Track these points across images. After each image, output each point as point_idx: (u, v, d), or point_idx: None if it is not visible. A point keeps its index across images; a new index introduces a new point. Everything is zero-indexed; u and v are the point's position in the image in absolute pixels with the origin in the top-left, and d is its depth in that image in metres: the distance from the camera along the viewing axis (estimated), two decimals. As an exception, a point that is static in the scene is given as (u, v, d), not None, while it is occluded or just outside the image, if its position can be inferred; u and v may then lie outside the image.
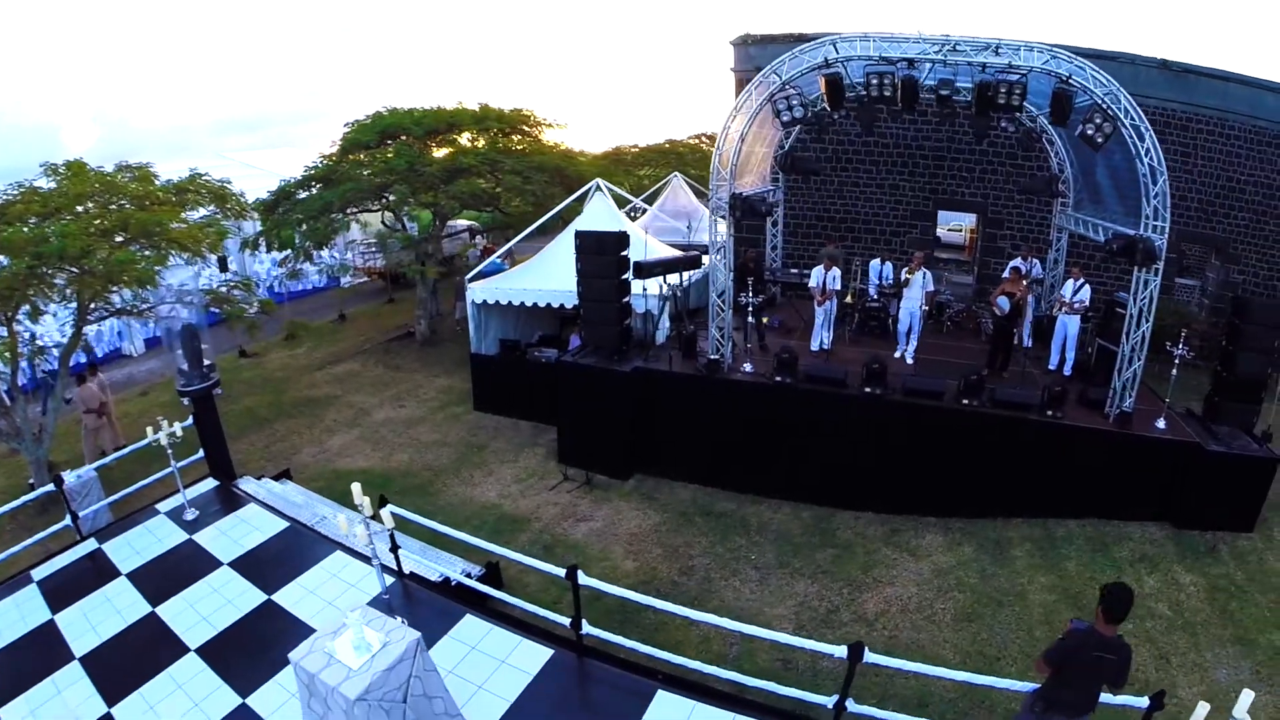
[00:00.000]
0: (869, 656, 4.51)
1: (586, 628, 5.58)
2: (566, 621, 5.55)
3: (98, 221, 8.18)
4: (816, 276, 10.07)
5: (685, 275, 10.52)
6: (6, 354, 8.57)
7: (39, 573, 6.73)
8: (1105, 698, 4.27)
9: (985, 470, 8.87)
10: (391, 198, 12.77)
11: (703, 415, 9.72)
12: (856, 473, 9.19)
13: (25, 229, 7.71)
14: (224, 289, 10.28)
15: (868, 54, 8.04)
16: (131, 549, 7.07)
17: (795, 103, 8.26)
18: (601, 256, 9.52)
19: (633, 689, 5.22)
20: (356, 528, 5.95)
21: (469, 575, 7.29)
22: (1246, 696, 3.74)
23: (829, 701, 4.80)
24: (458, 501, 9.58)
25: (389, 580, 6.50)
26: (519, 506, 9.46)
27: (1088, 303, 9.86)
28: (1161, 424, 8.60)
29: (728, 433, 9.64)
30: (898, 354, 10.38)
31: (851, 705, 4.74)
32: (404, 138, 13.04)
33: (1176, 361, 8.71)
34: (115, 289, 8.76)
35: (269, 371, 14.43)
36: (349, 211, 13.06)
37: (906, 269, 10.27)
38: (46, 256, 7.48)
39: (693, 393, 9.73)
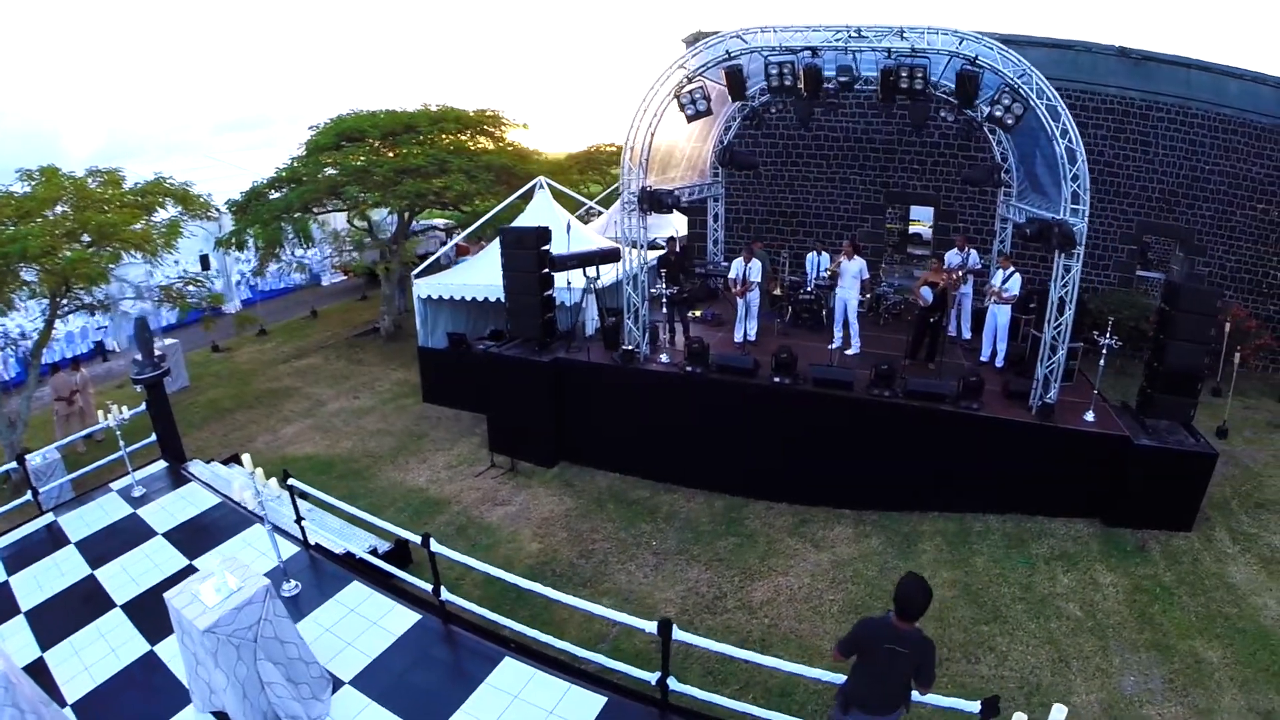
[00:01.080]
0: (677, 634, 4.83)
1: (446, 594, 6.09)
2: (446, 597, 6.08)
3: (67, 223, 9.04)
4: (736, 268, 10.36)
5: (622, 268, 10.94)
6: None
7: (2, 541, 7.57)
8: (933, 699, 4.20)
9: (901, 463, 8.92)
10: (343, 198, 13.56)
11: (619, 405, 10.06)
12: (768, 463, 9.38)
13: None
14: (177, 284, 11.11)
15: (769, 45, 8.30)
16: (83, 521, 7.80)
17: (698, 96, 8.61)
18: (522, 251, 9.97)
19: (484, 654, 5.71)
20: (245, 494, 6.62)
21: (374, 551, 7.90)
22: (1059, 711, 3.59)
23: (653, 678, 5.11)
24: (388, 485, 10.16)
25: (295, 550, 7.16)
26: (444, 491, 9.98)
27: (1017, 293, 9.81)
28: (1090, 417, 8.49)
29: (643, 422, 9.96)
30: (833, 346, 10.33)
31: (674, 683, 5.03)
32: (362, 140, 13.83)
33: (1104, 352, 8.69)
34: (74, 286, 9.62)
35: (237, 365, 15.30)
36: (312, 211, 13.87)
37: (832, 259, 10.52)
38: (10, 256, 8.35)
39: (609, 383, 10.08)
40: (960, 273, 10.58)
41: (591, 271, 10.25)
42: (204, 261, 16.74)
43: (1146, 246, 13.27)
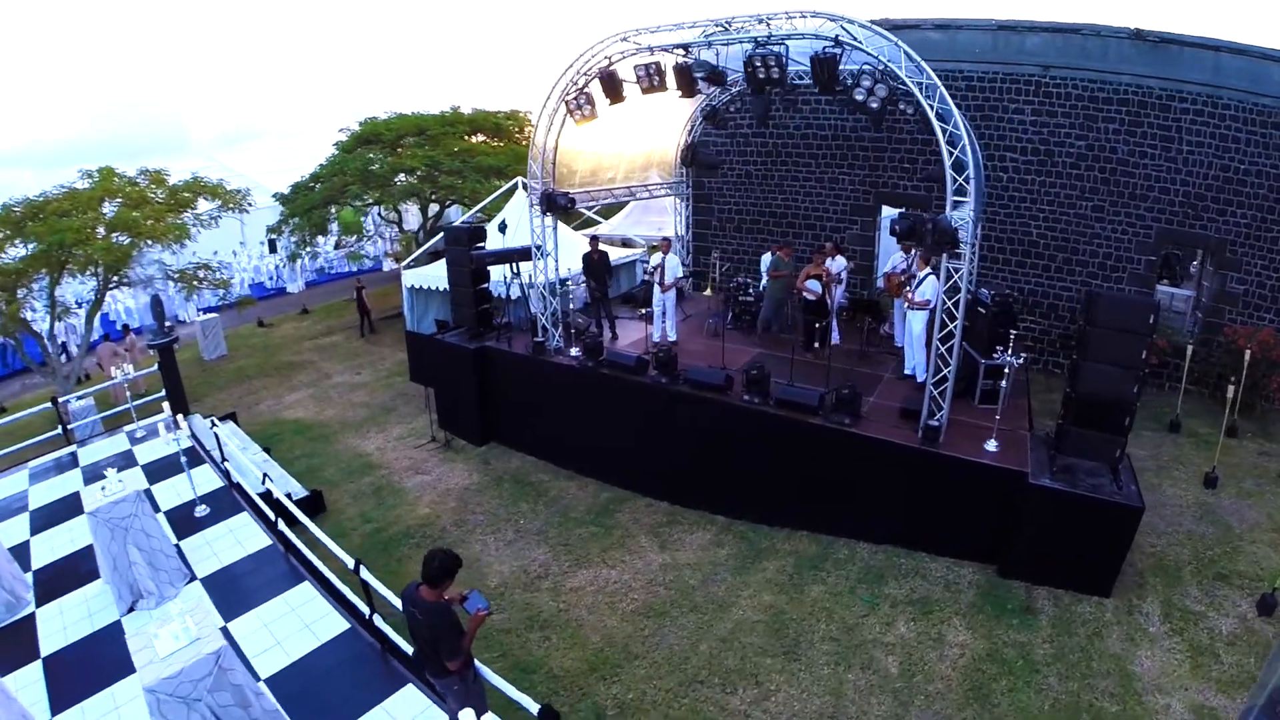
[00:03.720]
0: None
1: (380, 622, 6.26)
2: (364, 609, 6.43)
3: (101, 219, 11.90)
4: (655, 259, 10.88)
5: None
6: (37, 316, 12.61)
7: (33, 464, 10.21)
8: (505, 687, 4.64)
9: (770, 474, 8.94)
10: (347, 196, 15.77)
11: (532, 393, 11.02)
12: (651, 461, 9.89)
13: (47, 223, 11.61)
14: (190, 268, 13.85)
15: (641, 46, 8.77)
16: (94, 454, 10.32)
17: (583, 101, 9.35)
18: (458, 248, 11.28)
19: (389, 676, 5.84)
20: (160, 425, 8.66)
21: (289, 495, 9.66)
22: (467, 714, 3.63)
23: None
24: (343, 449, 11.92)
25: (221, 484, 9.06)
26: (383, 458, 11.54)
27: (931, 299, 9.52)
28: (991, 446, 7.82)
29: (551, 411, 10.86)
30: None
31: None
32: (377, 143, 15.96)
33: (1006, 371, 8.33)
34: (103, 268, 12.49)
35: (271, 339, 18.04)
36: (338, 205, 16.26)
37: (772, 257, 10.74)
38: (52, 244, 11.19)
39: (521, 372, 11.05)
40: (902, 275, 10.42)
41: (526, 267, 11.30)
42: (271, 245, 20.00)
43: (1174, 258, 11.79)
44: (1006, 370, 8.03)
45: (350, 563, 6.25)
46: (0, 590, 6.47)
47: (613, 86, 8.95)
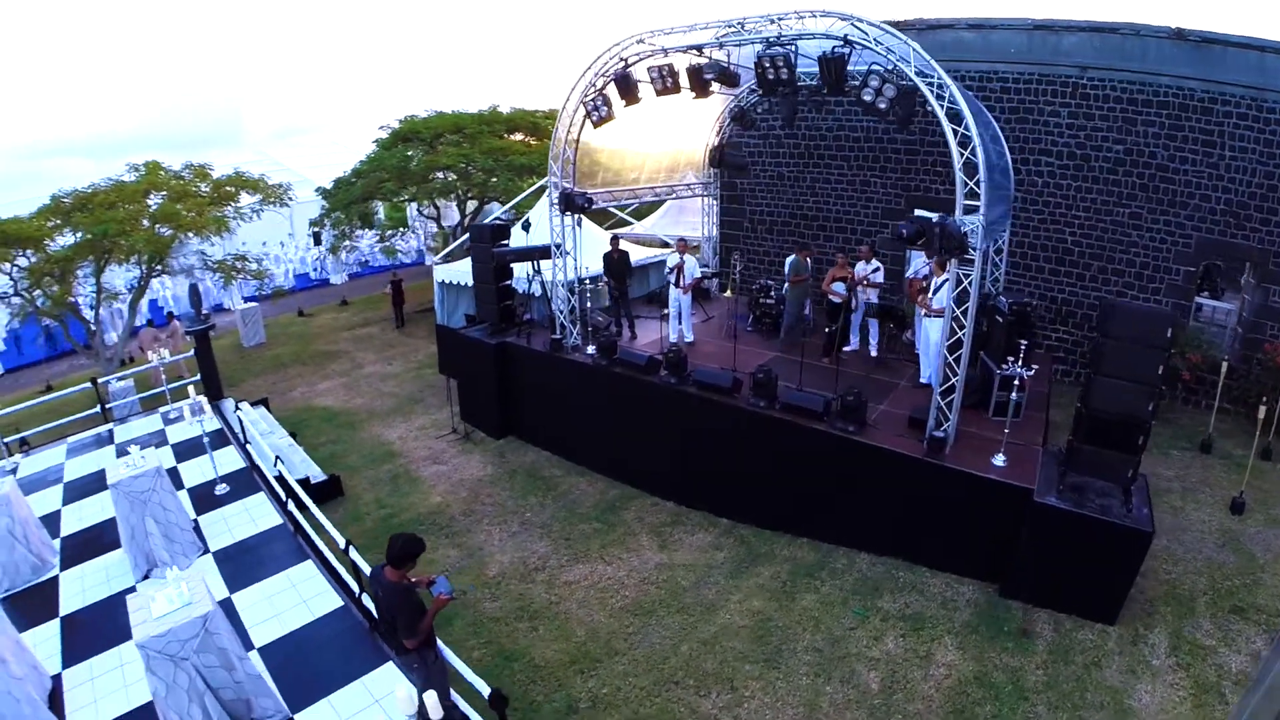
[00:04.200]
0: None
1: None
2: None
3: (145, 211, 12.74)
4: (672, 260, 10.97)
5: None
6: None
7: (72, 440, 10.99)
8: (464, 670, 4.94)
9: (775, 480, 8.94)
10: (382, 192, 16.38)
11: (548, 389, 11.27)
12: (660, 461, 10.00)
13: (94, 214, 12.50)
14: (228, 259, 14.60)
15: (656, 47, 8.87)
16: (129, 432, 11.07)
17: (600, 103, 9.54)
18: (481, 245, 11.64)
19: (371, 651, 6.10)
20: (180, 411, 9.20)
21: (308, 479, 10.19)
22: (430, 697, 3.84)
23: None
24: (367, 437, 12.40)
25: (243, 465, 9.60)
26: (404, 447, 11.97)
27: (945, 305, 9.30)
28: (999, 460, 7.60)
29: (567, 407, 11.07)
30: (848, 348, 10.69)
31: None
32: (414, 140, 16.53)
33: (1016, 383, 8.12)
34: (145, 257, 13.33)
35: (309, 329, 18.79)
36: (375, 200, 16.90)
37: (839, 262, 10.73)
38: (96, 235, 12.02)
39: (539, 368, 11.28)
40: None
41: (547, 265, 11.55)
42: (316, 238, 20.89)
43: (1215, 269, 11.19)
44: (1016, 382, 7.83)
45: (341, 543, 6.58)
46: (29, 554, 7.05)
47: (628, 88, 9.10)
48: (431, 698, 4.11)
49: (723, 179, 15.47)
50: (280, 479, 8.64)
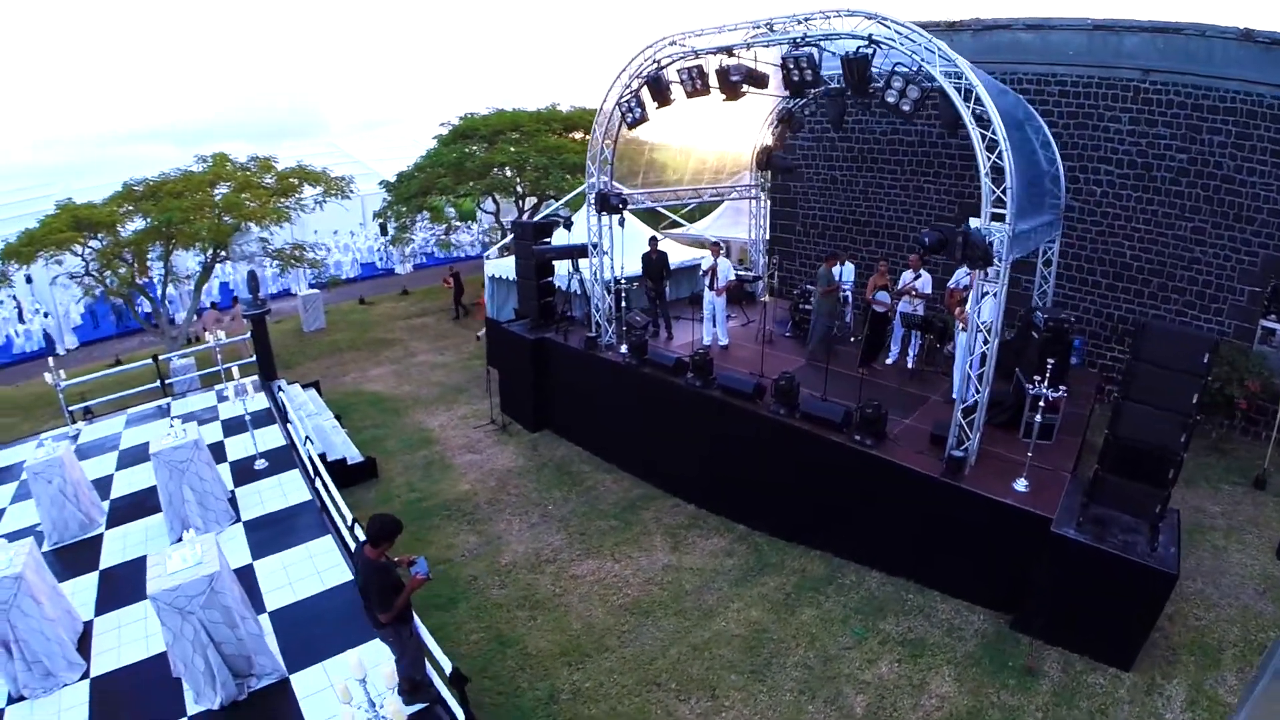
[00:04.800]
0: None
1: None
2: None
3: (210, 201, 13.82)
4: (705, 262, 11.01)
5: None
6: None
7: (132, 411, 12.02)
8: (431, 645, 5.16)
9: (793, 489, 8.89)
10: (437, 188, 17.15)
11: (582, 386, 11.54)
12: (680, 462, 10.12)
13: (160, 202, 13.64)
14: (286, 248, 15.62)
15: (686, 49, 8.93)
16: (185, 407, 12.02)
17: (634, 104, 9.69)
18: (523, 242, 12.02)
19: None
20: (229, 390, 9.95)
21: (344, 460, 10.82)
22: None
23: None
24: (409, 423, 13.02)
25: (283, 443, 10.30)
26: (443, 434, 12.50)
27: (990, 320, 8.97)
28: (1021, 485, 7.32)
29: (599, 405, 11.31)
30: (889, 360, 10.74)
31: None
32: (473, 138, 17.19)
33: (1041, 404, 7.64)
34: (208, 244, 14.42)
35: (368, 316, 19.70)
36: (432, 195, 17.68)
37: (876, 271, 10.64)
38: (160, 222, 13.10)
39: (574, 365, 11.56)
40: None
41: (584, 263, 11.83)
42: (382, 229, 21.99)
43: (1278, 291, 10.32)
44: (1041, 402, 7.47)
45: (349, 518, 7.01)
46: (78, 512, 7.83)
47: (659, 90, 9.24)
48: (387, 666, 4.38)
49: (774, 181, 15.41)
50: (314, 457, 9.21)
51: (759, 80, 8.61)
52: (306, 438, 9.59)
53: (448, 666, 5.10)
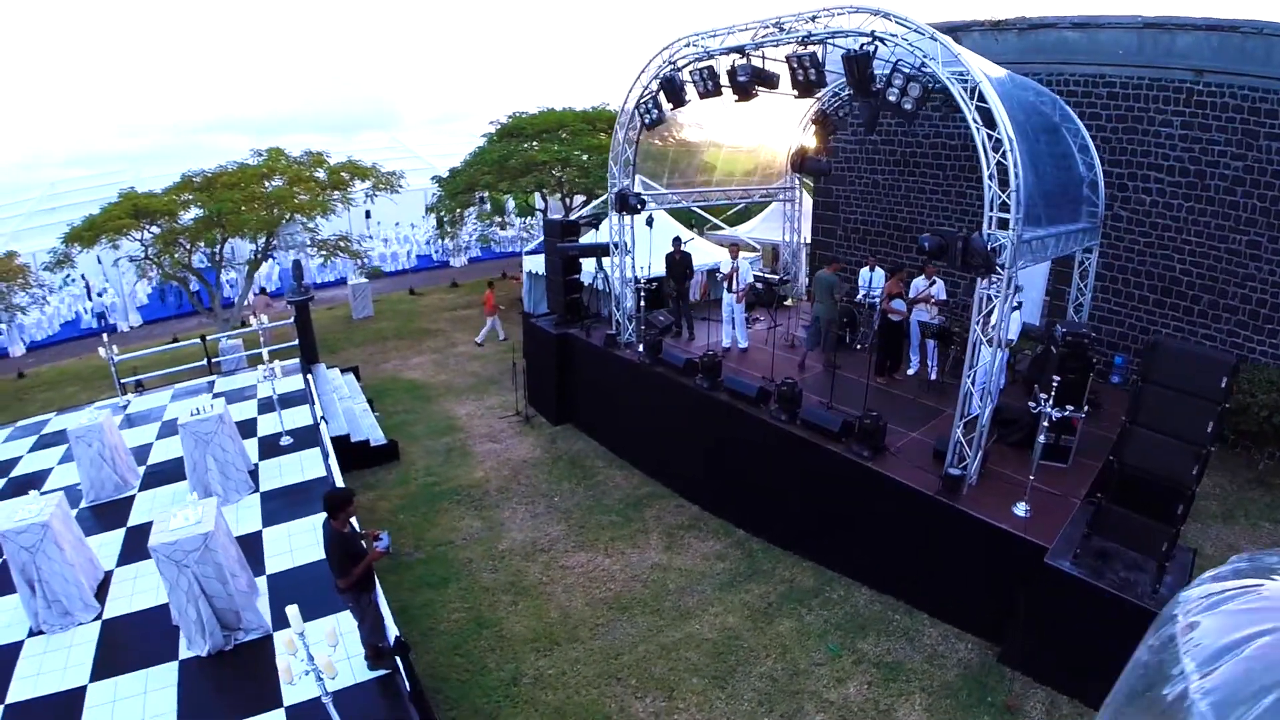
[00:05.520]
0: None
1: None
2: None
3: (258, 193, 14.95)
4: (725, 267, 11.11)
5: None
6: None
7: (178, 386, 13.10)
8: (384, 609, 5.57)
9: (790, 497, 8.93)
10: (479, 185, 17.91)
11: (601, 383, 11.89)
12: (687, 462, 10.30)
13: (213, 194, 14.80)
14: (331, 239, 16.67)
15: (701, 50, 9.07)
16: (227, 384, 12.97)
17: (651, 105, 9.93)
18: (551, 239, 12.48)
19: None
20: (259, 373, 10.79)
21: (366, 441, 11.56)
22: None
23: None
24: (437, 410, 13.72)
25: (310, 422, 11.11)
26: (469, 423, 13.11)
27: (1012, 334, 8.71)
28: (1021, 510, 7.08)
29: (614, 401, 11.64)
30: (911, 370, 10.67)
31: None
32: (519, 136, 17.84)
33: (1044, 424, 7.20)
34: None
35: (416, 307, 20.63)
36: (476, 191, 18.51)
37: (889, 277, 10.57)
38: (211, 213, 14.25)
39: (595, 362, 11.91)
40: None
41: (607, 262, 12.14)
42: (439, 223, 23.02)
43: None
44: (1045, 422, 7.24)
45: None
46: (114, 475, 8.74)
47: (673, 91, 9.43)
48: (329, 624, 4.82)
49: (818, 184, 15.32)
50: (325, 436, 9.91)
51: (768, 80, 8.68)
52: (322, 418, 10.27)
53: (394, 635, 5.51)
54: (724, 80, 8.89)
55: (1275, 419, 9.33)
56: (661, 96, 9.64)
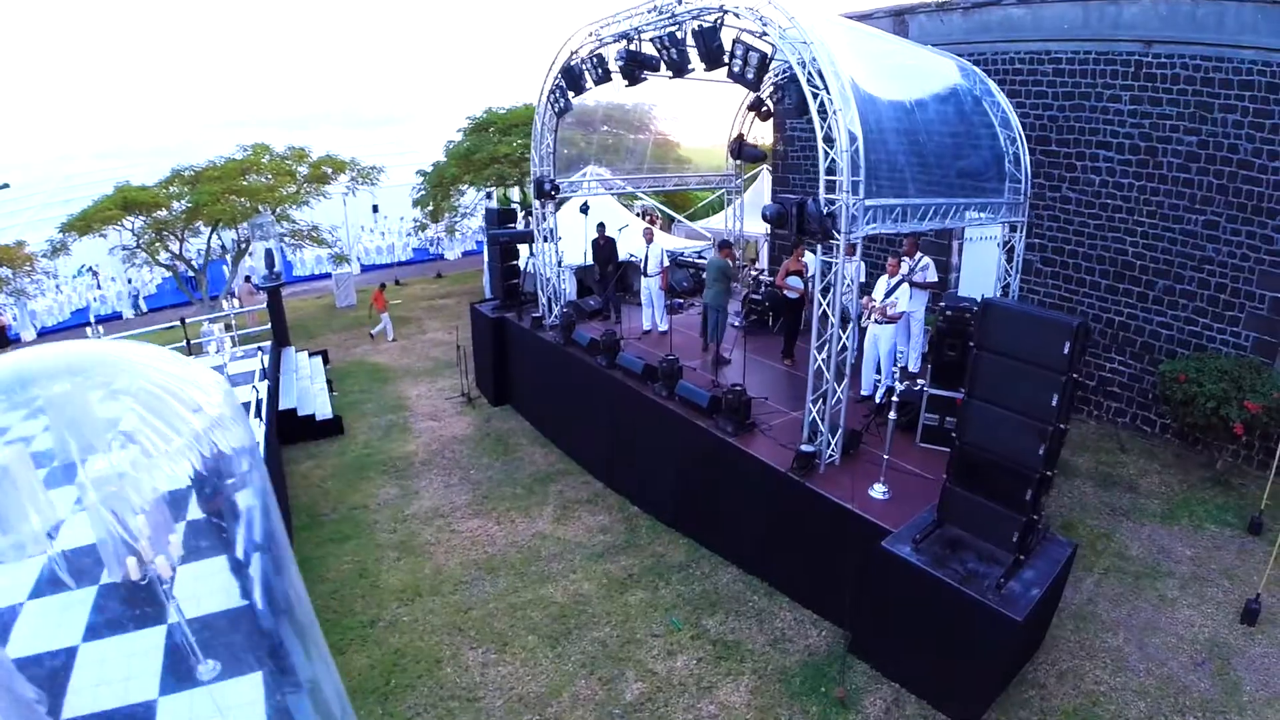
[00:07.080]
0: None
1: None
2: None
3: (237, 185, 16.26)
4: (641, 252, 11.64)
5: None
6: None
7: None
8: None
9: (671, 473, 9.28)
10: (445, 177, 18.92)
11: (529, 363, 12.60)
12: (594, 439, 10.89)
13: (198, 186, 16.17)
14: (303, 229, 17.87)
15: (596, 39, 9.58)
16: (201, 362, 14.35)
17: (559, 95, 10.55)
18: (492, 228, 13.30)
19: None
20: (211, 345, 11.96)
21: (312, 416, 12.59)
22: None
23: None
24: (391, 391, 14.66)
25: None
26: (417, 403, 13.98)
27: (905, 310, 8.90)
28: (877, 491, 7.14)
29: (540, 381, 12.36)
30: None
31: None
32: (488, 131, 18.77)
33: (893, 400, 7.19)
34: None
35: (397, 296, 21.46)
36: (456, 186, 19.46)
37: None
38: (194, 203, 15.55)
39: (523, 343, 12.62)
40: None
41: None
42: (433, 216, 24.19)
43: None
44: (894, 399, 7.27)
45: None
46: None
47: (573, 79, 10.03)
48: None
49: (776, 174, 15.65)
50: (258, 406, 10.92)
51: (647, 63, 9.05)
52: (256, 392, 11.35)
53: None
54: (612, 66, 9.43)
55: (1223, 410, 8.90)
56: (562, 90, 10.28)
